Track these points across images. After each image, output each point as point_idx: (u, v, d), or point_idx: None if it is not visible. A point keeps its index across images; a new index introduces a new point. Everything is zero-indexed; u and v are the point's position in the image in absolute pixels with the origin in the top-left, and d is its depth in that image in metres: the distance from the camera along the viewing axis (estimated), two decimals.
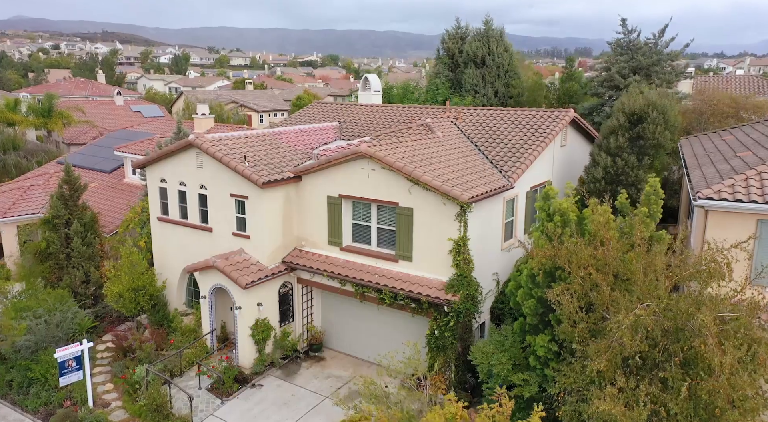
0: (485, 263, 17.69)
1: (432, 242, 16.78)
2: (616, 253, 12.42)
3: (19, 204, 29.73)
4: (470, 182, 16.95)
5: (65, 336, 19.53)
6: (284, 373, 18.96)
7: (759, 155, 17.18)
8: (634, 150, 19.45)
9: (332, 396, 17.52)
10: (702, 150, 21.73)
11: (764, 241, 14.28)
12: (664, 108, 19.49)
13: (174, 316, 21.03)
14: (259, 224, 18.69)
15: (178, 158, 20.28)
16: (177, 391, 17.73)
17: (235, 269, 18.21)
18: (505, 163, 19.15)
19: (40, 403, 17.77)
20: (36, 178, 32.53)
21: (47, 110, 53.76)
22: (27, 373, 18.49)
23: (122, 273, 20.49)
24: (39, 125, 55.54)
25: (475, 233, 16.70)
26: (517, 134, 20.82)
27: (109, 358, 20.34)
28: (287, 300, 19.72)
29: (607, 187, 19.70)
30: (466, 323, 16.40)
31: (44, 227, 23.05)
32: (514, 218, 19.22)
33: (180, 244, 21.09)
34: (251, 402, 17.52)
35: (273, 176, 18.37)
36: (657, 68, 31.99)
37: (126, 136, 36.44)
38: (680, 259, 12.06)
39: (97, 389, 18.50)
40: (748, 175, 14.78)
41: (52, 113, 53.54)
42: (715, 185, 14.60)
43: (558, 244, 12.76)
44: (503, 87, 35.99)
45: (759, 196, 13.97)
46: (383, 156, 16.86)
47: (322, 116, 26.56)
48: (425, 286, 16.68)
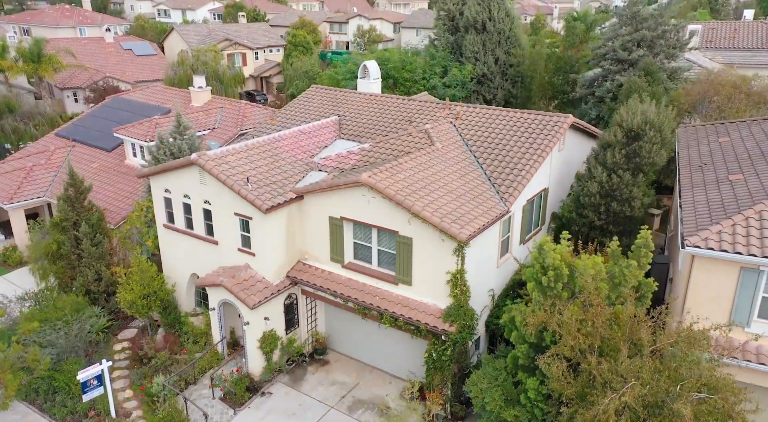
0: (481, 282, 18.51)
1: (430, 270, 17.50)
2: (603, 318, 13.22)
3: (24, 188, 30.23)
4: (469, 212, 17.42)
5: (84, 344, 20.68)
6: (291, 379, 20.27)
7: (749, 182, 17.58)
8: (630, 166, 19.75)
9: (337, 407, 18.97)
10: (697, 154, 22.00)
11: (745, 285, 15.03)
12: (661, 126, 19.58)
13: (184, 319, 22.08)
14: (264, 243, 19.33)
15: (181, 172, 20.56)
16: (194, 399, 19.09)
17: (242, 289, 19.04)
18: (503, 181, 19.50)
19: (66, 412, 19.17)
20: (37, 155, 32.71)
21: (36, 56, 52.68)
22: (52, 382, 19.79)
23: (133, 282, 21.33)
24: (29, 71, 54.65)
25: (473, 260, 17.38)
26: (515, 143, 20.99)
27: (127, 360, 21.61)
28: (292, 309, 20.72)
29: (602, 201, 20.16)
30: (463, 347, 17.45)
31: (53, 229, 23.61)
32: (510, 234, 19.83)
33: (187, 251, 21.80)
34: (262, 411, 18.91)
35: (276, 199, 18.79)
36: (661, 41, 31.39)
37: (123, 106, 36.16)
38: (665, 331, 12.89)
39: (117, 396, 19.87)
40: (735, 220, 15.27)
41: (42, 58, 52.50)
42: (702, 232, 15.14)
43: (550, 308, 13.53)
44: (504, 54, 35.32)
45: (743, 246, 14.56)
46: (383, 188, 17.23)
47: (321, 106, 26.41)
48: (424, 313, 17.59)
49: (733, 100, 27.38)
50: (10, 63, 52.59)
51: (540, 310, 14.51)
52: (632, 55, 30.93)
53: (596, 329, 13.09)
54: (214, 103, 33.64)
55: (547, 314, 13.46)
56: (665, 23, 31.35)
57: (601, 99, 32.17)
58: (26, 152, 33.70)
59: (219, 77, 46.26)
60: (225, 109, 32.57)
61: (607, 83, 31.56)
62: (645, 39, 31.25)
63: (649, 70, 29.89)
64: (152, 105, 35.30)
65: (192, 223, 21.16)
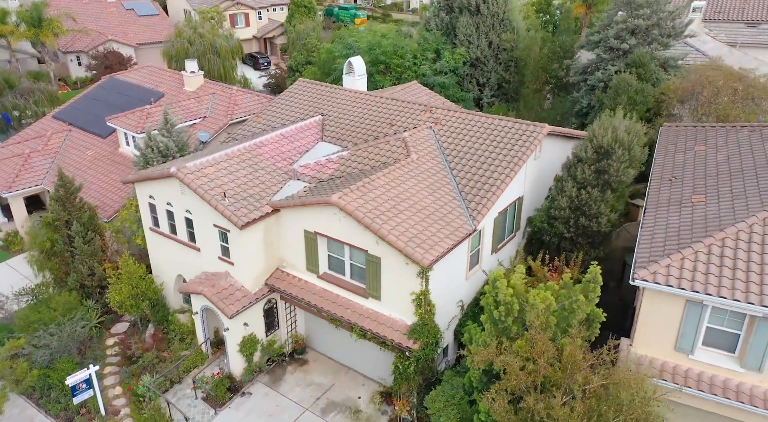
0: (449, 296, 19.29)
1: (397, 288, 18.24)
2: (546, 358, 13.97)
3: (23, 175, 31.11)
4: (435, 234, 17.98)
5: (75, 344, 21.93)
6: (271, 380, 21.46)
7: (708, 206, 17.92)
8: (599, 183, 20.04)
9: (312, 409, 20.19)
10: (671, 163, 22.20)
11: (690, 317, 15.65)
12: (630, 145, 19.73)
13: (172, 317, 23.20)
14: (242, 254, 20.11)
15: (163, 181, 21.20)
16: (178, 398, 20.41)
17: (220, 299, 19.98)
18: (474, 195, 19.92)
19: (60, 408, 20.60)
20: (35, 140, 33.39)
21: (37, 20, 52.72)
22: (47, 379, 21.17)
23: (122, 283, 22.36)
24: (30, 36, 54.83)
25: (439, 278, 18.07)
26: (491, 153, 21.25)
27: (118, 357, 22.90)
28: (272, 313, 21.70)
29: (572, 214, 20.59)
30: (426, 362, 18.37)
31: (47, 228, 24.55)
32: (480, 246, 20.42)
33: (172, 254, 22.69)
34: (242, 412, 20.18)
35: (251, 215, 19.44)
36: (656, 31, 30.84)
37: (118, 88, 36.49)
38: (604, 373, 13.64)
39: (108, 393, 21.25)
40: (684, 254, 15.74)
41: (42, 23, 52.56)
42: (652, 266, 15.66)
43: (497, 346, 14.30)
44: (497, 38, 34.89)
45: (688, 282, 15.14)
46: (352, 210, 17.80)
47: (306, 103, 26.61)
48: (390, 328, 18.45)
49: (720, 96, 27.16)
50: (12, 28, 52.71)
51: (492, 339, 15.32)
52: (624, 45, 30.50)
53: (539, 368, 13.87)
54: (206, 89, 33.86)
55: (494, 352, 14.22)
56: (660, 11, 30.71)
57: (593, 87, 31.96)
58: (24, 137, 34.39)
59: (216, 50, 46.08)
60: (216, 95, 32.82)
61: (598, 73, 31.26)
62: (639, 28, 30.73)
63: (640, 62, 29.57)
64: (146, 88, 35.60)
65: (176, 229, 21.96)
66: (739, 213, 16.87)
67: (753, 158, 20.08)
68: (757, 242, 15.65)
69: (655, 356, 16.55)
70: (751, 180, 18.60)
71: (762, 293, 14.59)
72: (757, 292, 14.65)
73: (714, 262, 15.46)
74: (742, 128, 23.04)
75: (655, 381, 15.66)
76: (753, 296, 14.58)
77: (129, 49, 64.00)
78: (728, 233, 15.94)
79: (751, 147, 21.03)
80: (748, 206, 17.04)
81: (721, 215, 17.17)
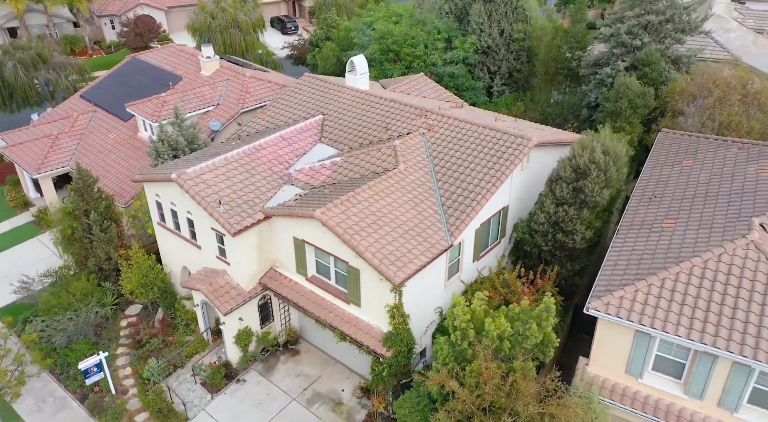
0: (426, 304, 20.60)
1: (374, 298, 19.59)
2: (492, 384, 15.26)
3: (51, 157, 33.17)
4: (411, 251, 19.11)
5: (91, 328, 24.20)
6: (264, 368, 23.38)
7: (675, 233, 18.53)
8: (576, 201, 20.69)
9: (298, 399, 22.09)
10: (657, 177, 22.62)
11: (639, 345, 16.63)
12: (607, 167, 20.18)
13: (178, 304, 25.20)
14: (236, 257, 21.69)
15: (166, 184, 22.73)
16: (179, 383, 22.58)
17: (216, 297, 21.74)
18: (455, 209, 20.85)
19: (77, 385, 23.00)
20: (62, 121, 35.30)
21: None
22: (66, 358, 23.56)
23: (132, 273, 24.33)
24: (66, 1, 56.65)
25: (414, 291, 19.34)
26: (477, 164, 21.97)
27: (129, 339, 25.12)
28: (267, 307, 23.42)
29: (550, 229, 21.38)
30: (399, 368, 19.86)
31: (67, 217, 26.57)
32: (460, 257, 21.49)
33: (177, 248, 24.46)
34: (235, 398, 22.22)
35: (244, 222, 20.87)
36: (669, 26, 30.33)
37: (140, 70, 37.88)
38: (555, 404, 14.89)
39: (119, 373, 23.55)
40: (638, 287, 16.58)
41: None
42: (605, 297, 16.59)
43: (449, 371, 15.64)
44: (509, 26, 34.70)
45: (638, 315, 16.08)
46: (333, 226, 19.04)
47: (309, 101, 27.51)
48: (368, 334, 19.93)
49: (724, 103, 26.94)
50: None
51: (450, 359, 16.68)
52: (636, 41, 30.15)
53: (485, 393, 15.19)
54: (221, 74, 34.96)
55: (445, 377, 15.58)
56: (675, 5, 30.10)
57: (601, 82, 31.84)
58: (52, 117, 36.36)
59: (238, 24, 46.84)
60: (230, 82, 33.92)
61: (607, 68, 31.07)
62: (652, 23, 30.27)
63: (649, 60, 29.32)
64: (166, 70, 36.90)
65: (179, 226, 23.63)
66: (699, 245, 17.48)
67: (731, 182, 20.38)
68: (708, 279, 16.35)
69: (608, 377, 17.66)
70: (722, 207, 19.04)
71: (704, 331, 15.45)
72: (699, 329, 15.51)
73: (665, 296, 16.28)
74: (733, 143, 23.14)
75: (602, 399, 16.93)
76: (695, 333, 15.46)
77: (160, 13, 65.18)
78: (683, 267, 16.65)
79: (734, 168, 21.27)
80: (709, 238, 17.62)
81: (684, 245, 17.81)
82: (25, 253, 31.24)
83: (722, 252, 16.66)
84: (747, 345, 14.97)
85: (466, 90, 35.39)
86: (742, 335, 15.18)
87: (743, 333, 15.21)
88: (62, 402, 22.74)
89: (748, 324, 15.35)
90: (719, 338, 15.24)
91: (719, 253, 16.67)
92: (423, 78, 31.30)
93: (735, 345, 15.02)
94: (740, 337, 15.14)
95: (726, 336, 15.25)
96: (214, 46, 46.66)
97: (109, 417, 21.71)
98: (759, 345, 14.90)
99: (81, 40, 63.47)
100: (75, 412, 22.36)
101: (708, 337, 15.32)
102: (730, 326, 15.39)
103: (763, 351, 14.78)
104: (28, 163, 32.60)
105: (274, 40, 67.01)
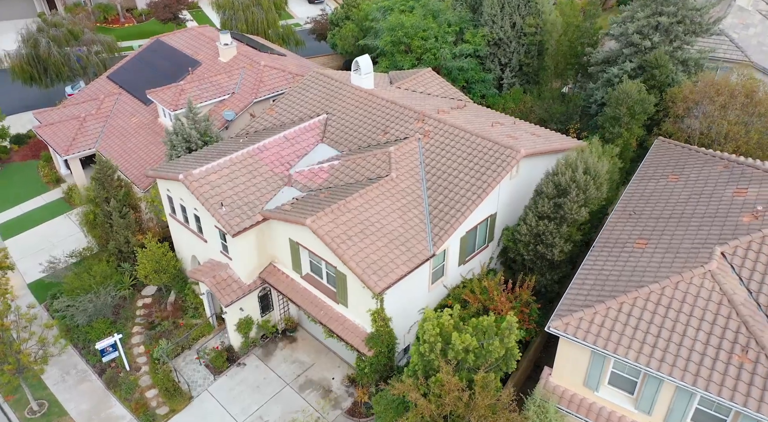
0: (410, 305, 22.13)
1: (359, 302, 21.20)
2: (452, 396, 16.83)
3: (78, 139, 35.25)
4: (394, 260, 20.52)
5: (109, 308, 26.56)
6: (264, 353, 25.44)
7: (643, 255, 19.45)
8: (557, 217, 21.65)
9: (292, 384, 24.13)
10: (641, 193, 23.31)
11: (595, 363, 17.91)
12: (586, 186, 20.98)
13: (188, 289, 27.31)
14: (237, 254, 23.47)
15: (175, 182, 24.44)
16: (186, 363, 24.86)
17: (219, 289, 23.66)
18: (441, 218, 22.07)
19: (96, 360, 25.50)
20: (89, 103, 37.24)
21: None
22: (87, 335, 26.05)
23: (146, 260, 26.42)
24: None
25: (397, 295, 20.85)
26: (466, 174, 22.99)
27: (144, 319, 27.43)
28: (267, 298, 25.31)
29: (531, 240, 22.48)
30: (379, 365, 21.57)
31: (89, 203, 28.69)
32: (444, 262, 22.83)
33: (187, 238, 26.39)
34: (235, 380, 24.40)
35: (243, 224, 22.51)
36: (680, 28, 30.18)
37: (162, 53, 39.30)
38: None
39: (133, 351, 25.94)
40: (597, 309, 17.72)
41: None
42: (565, 318, 17.80)
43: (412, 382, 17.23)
44: (521, 20, 34.81)
45: (593, 336, 17.29)
46: (322, 235, 20.53)
47: (315, 99, 28.62)
48: (353, 333, 21.63)
49: (726, 111, 27.10)
50: None
51: (419, 367, 18.28)
52: (645, 42, 30.16)
53: (445, 403, 16.79)
54: (238, 61, 36.17)
55: (409, 386, 17.20)
56: (687, 8, 29.86)
57: (609, 81, 32.03)
58: (80, 98, 38.31)
59: (259, 2, 47.63)
60: (245, 70, 35.15)
61: (614, 68, 31.22)
62: (662, 25, 30.16)
63: (657, 63, 29.41)
64: (186, 55, 38.24)
65: (188, 220, 25.46)
66: (662, 270, 18.43)
67: (707, 204, 21.00)
68: (663, 306, 17.38)
69: (568, 387, 19.05)
70: (693, 231, 19.82)
71: (651, 356, 16.62)
72: (647, 354, 16.69)
73: (621, 320, 17.41)
74: (721, 160, 23.54)
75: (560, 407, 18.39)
76: (643, 357, 16.66)
77: None
78: (641, 293, 17.69)
79: (714, 188, 21.81)
80: (672, 264, 18.53)
81: (648, 268, 18.78)
82: (55, 229, 33.70)
83: (679, 281, 17.60)
84: (688, 372, 16.12)
85: (475, 83, 35.90)
86: (686, 362, 16.30)
87: (687, 360, 16.33)
88: (83, 375, 25.30)
89: (693, 351, 16.45)
90: (664, 363, 16.40)
91: (677, 281, 17.62)
92: (430, 73, 31.96)
93: (678, 371, 16.19)
94: (684, 364, 16.28)
95: (671, 361, 16.40)
96: (237, 23, 47.80)
97: (123, 391, 24.18)
98: (700, 372, 16.04)
99: (114, 9, 65.08)
100: (94, 384, 24.91)
101: (654, 362, 16.49)
102: (676, 353, 16.51)
103: (703, 378, 15.93)
104: (58, 144, 34.73)
105: (300, 10, 67.54)
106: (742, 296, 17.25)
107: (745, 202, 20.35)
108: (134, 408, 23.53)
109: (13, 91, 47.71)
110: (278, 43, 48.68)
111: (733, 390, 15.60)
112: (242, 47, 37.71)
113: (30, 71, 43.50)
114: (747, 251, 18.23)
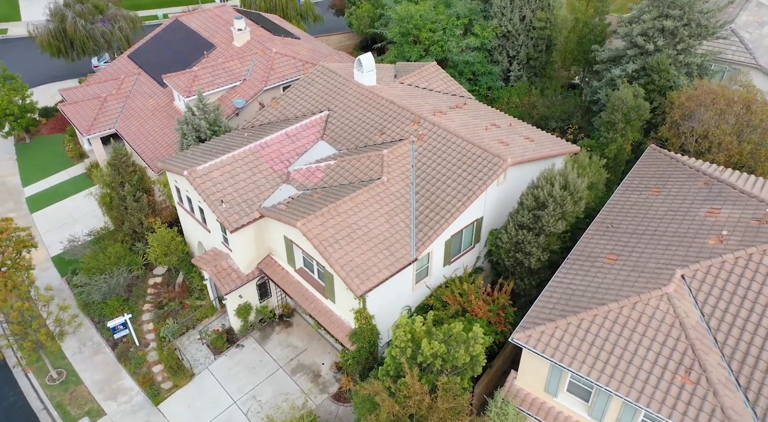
0: (394, 304, 23.68)
1: (344, 300, 22.81)
2: (416, 399, 18.47)
3: (99, 119, 37.06)
4: (377, 264, 21.96)
5: (123, 287, 28.77)
6: (261, 336, 27.44)
7: (611, 271, 20.51)
8: (535, 227, 22.71)
9: (285, 368, 26.13)
10: (622, 204, 24.14)
11: (554, 373, 19.33)
12: (563, 201, 21.89)
13: (194, 274, 29.29)
14: (237, 247, 25.19)
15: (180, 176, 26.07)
16: (190, 342, 27.04)
17: (219, 278, 25.52)
18: (427, 223, 23.31)
19: (110, 334, 27.85)
20: (110, 83, 38.86)
21: None
22: (102, 310, 28.38)
23: (155, 244, 28.38)
24: None
25: (380, 296, 22.38)
26: (454, 180, 24.06)
27: (154, 297, 29.61)
28: (265, 286, 27.14)
29: (512, 248, 23.66)
30: (362, 359, 23.31)
31: (106, 187, 30.62)
32: (429, 264, 24.20)
33: (193, 226, 28.19)
34: (234, 360, 26.51)
35: (241, 220, 24.12)
36: (685, 31, 30.15)
37: (180, 34, 40.41)
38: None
39: (143, 328, 28.20)
40: (558, 324, 19.01)
41: None
42: (528, 330, 19.16)
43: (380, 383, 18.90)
44: (531, 13, 34.93)
45: (552, 350, 18.66)
46: (311, 237, 22.02)
47: (318, 95, 29.65)
48: (338, 327, 23.35)
49: (721, 120, 27.39)
50: None
51: (391, 368, 19.94)
52: (649, 45, 30.27)
53: (409, 405, 18.47)
54: (251, 47, 37.17)
55: (377, 388, 18.87)
56: (694, 11, 29.74)
57: (611, 81, 32.30)
58: (101, 78, 39.88)
59: None
60: (257, 57, 36.19)
61: (616, 70, 31.46)
62: (667, 29, 30.16)
63: (659, 68, 29.61)
64: (203, 37, 39.32)
65: (194, 210, 27.19)
66: (624, 289, 19.52)
67: (681, 222, 21.77)
68: (619, 324, 18.56)
69: (531, 392, 20.57)
70: (660, 250, 20.74)
71: (602, 372, 17.94)
72: (599, 369, 18.02)
73: (579, 336, 18.70)
74: (703, 176, 24.09)
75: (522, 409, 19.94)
76: (594, 372, 18.00)
77: None
78: (600, 311, 18.88)
79: (690, 206, 22.50)
80: (635, 283, 19.58)
81: (612, 286, 19.88)
82: (78, 205, 35.91)
83: (637, 301, 18.72)
84: (634, 389, 17.43)
85: (482, 75, 36.37)
86: (633, 379, 17.60)
87: (634, 377, 17.62)
88: (98, 347, 27.72)
89: (641, 370, 17.71)
90: (613, 379, 17.73)
91: (634, 302, 18.73)
92: (434, 68, 32.57)
93: (624, 387, 17.52)
94: (630, 381, 17.58)
95: (619, 378, 17.71)
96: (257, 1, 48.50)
97: (132, 365, 26.53)
98: (644, 390, 17.35)
99: None
100: (107, 357, 27.33)
101: (604, 377, 17.83)
102: (625, 370, 17.80)
103: (646, 395, 17.25)
104: (81, 123, 36.58)
105: None
106: (693, 319, 18.33)
107: (715, 223, 21.09)
108: (142, 382, 25.87)
109: (40, 62, 49.58)
110: (296, 20, 49.35)
111: (671, 409, 16.90)
112: (256, 31, 38.61)
113: (57, 45, 45.20)
114: (706, 275, 19.15)
